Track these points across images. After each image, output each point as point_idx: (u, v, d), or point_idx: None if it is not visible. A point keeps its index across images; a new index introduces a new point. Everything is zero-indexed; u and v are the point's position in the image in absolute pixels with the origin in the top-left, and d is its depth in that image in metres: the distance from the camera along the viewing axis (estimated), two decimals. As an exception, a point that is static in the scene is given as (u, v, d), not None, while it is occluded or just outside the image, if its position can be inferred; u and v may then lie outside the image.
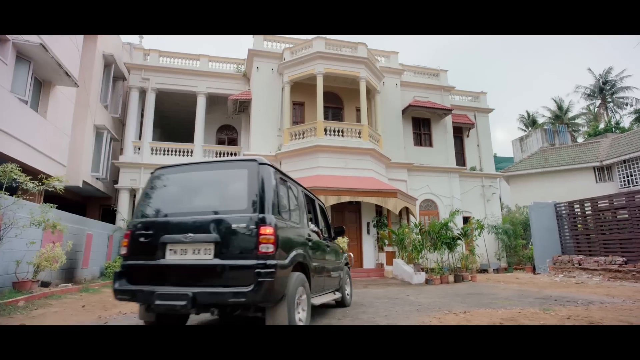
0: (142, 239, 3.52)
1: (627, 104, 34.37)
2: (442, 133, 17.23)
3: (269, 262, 3.17)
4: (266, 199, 3.40)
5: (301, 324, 3.73)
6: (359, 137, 13.62)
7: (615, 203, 11.16)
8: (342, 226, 6.12)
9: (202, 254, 3.32)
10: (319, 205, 5.52)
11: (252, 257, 3.18)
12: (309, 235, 4.44)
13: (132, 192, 14.87)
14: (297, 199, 4.43)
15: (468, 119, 18.12)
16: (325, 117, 14.38)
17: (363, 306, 6.43)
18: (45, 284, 7.29)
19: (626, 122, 32.77)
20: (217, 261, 3.24)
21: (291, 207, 4.11)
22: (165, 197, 3.79)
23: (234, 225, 3.28)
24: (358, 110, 15.26)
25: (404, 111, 16.45)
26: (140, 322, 3.91)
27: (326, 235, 5.41)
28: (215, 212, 3.43)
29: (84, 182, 12.57)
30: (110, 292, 3.35)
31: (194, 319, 5.04)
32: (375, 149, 13.70)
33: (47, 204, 6.94)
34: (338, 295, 5.72)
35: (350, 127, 13.76)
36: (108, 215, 15.30)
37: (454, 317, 5.00)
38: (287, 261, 3.48)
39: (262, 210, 3.32)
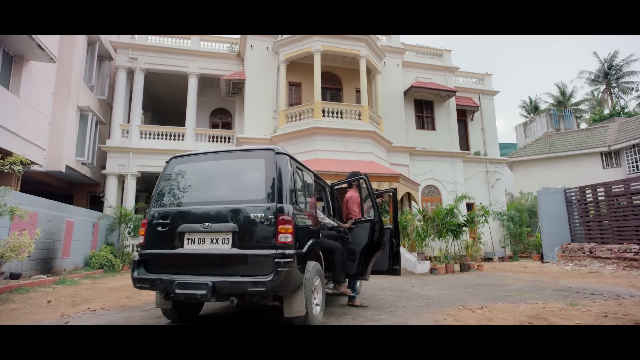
0: (159, 228, 3.54)
1: (632, 89, 33.57)
2: (446, 116, 16.47)
3: (287, 251, 3.18)
4: (283, 188, 3.40)
5: (318, 309, 3.79)
6: (359, 119, 12.86)
7: (631, 187, 10.49)
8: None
9: (220, 244, 3.34)
10: (330, 192, 5.51)
11: (271, 246, 3.20)
12: (324, 224, 4.48)
13: (121, 178, 14.15)
14: (312, 187, 4.42)
15: (472, 101, 17.35)
16: (323, 99, 13.63)
17: (365, 300, 5.81)
18: (14, 276, 6.63)
19: (631, 106, 31.99)
20: (236, 250, 3.26)
21: (307, 196, 4.10)
22: (182, 186, 3.77)
23: (252, 215, 3.29)
24: (358, 91, 14.47)
25: (405, 93, 15.66)
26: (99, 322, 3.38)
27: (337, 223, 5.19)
28: (233, 202, 3.45)
29: (67, 167, 11.81)
30: (91, 283, 3.20)
31: (208, 308, 4.88)
32: (376, 131, 12.97)
33: (5, 187, 6.14)
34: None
35: (349, 108, 12.99)
36: (96, 202, 14.59)
37: (471, 314, 4.36)
38: (304, 250, 3.49)
39: (279, 200, 3.33)
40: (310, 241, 3.74)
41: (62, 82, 11.43)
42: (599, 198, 11.59)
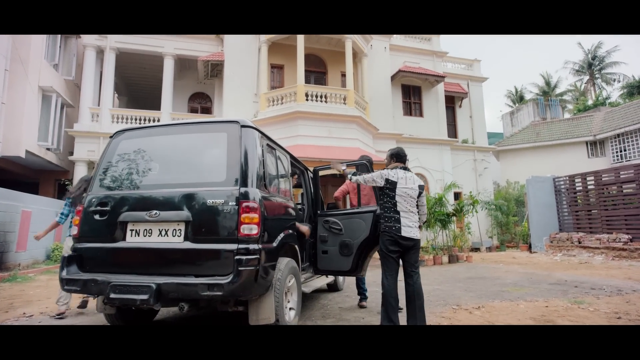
0: (97, 217, 2.93)
1: (614, 80, 33.77)
2: (434, 102, 15.97)
3: (252, 246, 2.63)
4: (250, 169, 2.83)
5: (292, 314, 3.25)
6: (344, 103, 12.21)
7: (622, 176, 10.23)
8: (335, 202, 5.15)
9: (170, 236, 2.76)
10: (312, 178, 4.78)
11: (232, 240, 2.63)
12: (301, 213, 3.97)
13: (91, 165, 13.17)
14: (287, 170, 3.83)
15: (461, 87, 16.88)
16: (307, 82, 12.90)
17: (353, 294, 5.28)
18: (-47, 273, 5.85)
19: (614, 97, 32.19)
20: (188, 245, 2.69)
21: (280, 180, 3.53)
22: (127, 167, 3.12)
23: (209, 201, 2.71)
24: (343, 75, 13.78)
25: (393, 77, 15.06)
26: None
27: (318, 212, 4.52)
28: (187, 185, 2.85)
29: (28, 152, 10.85)
30: (47, 280, 2.61)
31: (168, 310, 4.19)
32: (362, 117, 12.36)
33: None
34: (331, 278, 5.17)
35: (334, 92, 12.32)
36: (65, 191, 13.64)
37: (468, 315, 3.87)
38: (274, 244, 2.96)
39: (244, 183, 2.75)
40: (283, 233, 3.20)
41: (18, 58, 10.41)
42: (589, 187, 11.34)
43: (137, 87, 18.11)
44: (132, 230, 2.84)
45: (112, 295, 2.58)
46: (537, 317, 3.68)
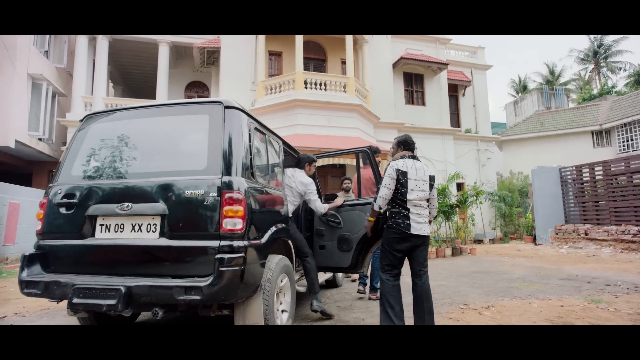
0: (63, 210, 2.59)
1: (620, 69, 33.13)
2: (437, 91, 15.53)
3: (236, 243, 2.32)
4: (234, 155, 2.49)
5: (285, 317, 2.93)
6: (344, 91, 11.81)
7: (632, 166, 9.87)
8: (335, 194, 4.91)
9: (144, 232, 2.44)
10: None
11: (213, 236, 2.32)
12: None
13: (84, 156, 12.86)
14: (279, 158, 3.45)
15: (464, 75, 16.43)
16: (306, 70, 12.46)
17: (353, 291, 4.99)
18: None
19: (619, 86, 31.60)
20: (164, 242, 2.37)
21: (270, 169, 3.17)
22: (97, 154, 2.77)
23: (187, 192, 2.39)
24: (343, 63, 13.34)
25: (395, 65, 14.61)
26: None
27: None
28: (164, 174, 2.52)
29: (17, 142, 10.53)
30: None
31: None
32: (363, 105, 11.96)
33: None
34: (330, 274, 4.86)
35: (334, 79, 11.90)
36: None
37: (477, 316, 3.56)
38: (263, 240, 2.63)
39: (228, 172, 2.42)
40: (274, 228, 2.87)
41: (3, 44, 10.01)
42: (597, 177, 10.98)
43: (133, 75, 17.71)
44: (102, 225, 2.52)
45: (75, 300, 2.25)
46: (553, 318, 3.37)
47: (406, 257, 2.98)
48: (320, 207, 3.66)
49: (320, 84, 11.64)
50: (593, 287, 4.87)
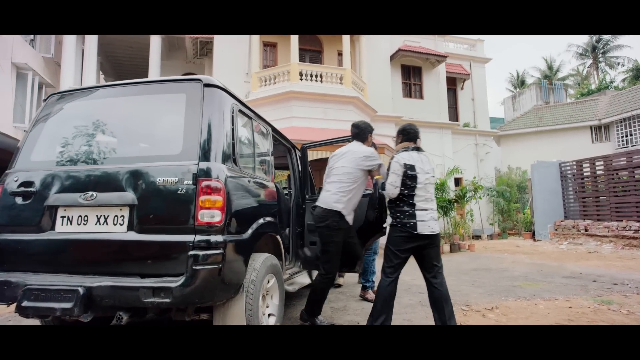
0: (20, 200, 2.28)
1: (618, 64, 32.95)
2: (435, 84, 15.25)
3: (213, 238, 2.03)
4: (213, 139, 2.21)
5: (272, 322, 2.64)
6: (341, 83, 11.51)
7: (634, 161, 9.66)
8: None
9: (110, 225, 2.15)
10: (301, 157, 4.12)
11: (187, 230, 2.03)
12: (286, 198, 3.39)
13: (73, 149, 12.51)
14: (268, 145, 3.16)
15: (463, 68, 16.15)
16: (302, 61, 12.14)
17: (347, 290, 4.73)
18: None
19: (617, 81, 31.44)
20: (133, 236, 2.09)
21: (256, 156, 2.83)
22: (60, 137, 2.44)
23: (159, 180, 2.10)
24: (340, 54, 13.03)
25: (392, 57, 14.30)
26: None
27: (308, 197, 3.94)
28: (134, 160, 2.24)
29: (2, 134, 10.11)
30: None
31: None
32: (360, 97, 11.67)
33: None
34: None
35: (330, 71, 11.59)
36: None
37: (481, 318, 3.31)
38: (245, 236, 2.32)
39: (205, 157, 2.14)
40: (261, 220, 2.57)
41: (-11, 32, 9.61)
42: (597, 172, 10.78)
43: (124, 67, 17.29)
44: (63, 217, 2.23)
45: (25, 303, 1.97)
46: (562, 321, 3.13)
47: (413, 257, 2.75)
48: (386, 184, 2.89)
49: (316, 76, 11.33)
50: (600, 286, 4.64)
